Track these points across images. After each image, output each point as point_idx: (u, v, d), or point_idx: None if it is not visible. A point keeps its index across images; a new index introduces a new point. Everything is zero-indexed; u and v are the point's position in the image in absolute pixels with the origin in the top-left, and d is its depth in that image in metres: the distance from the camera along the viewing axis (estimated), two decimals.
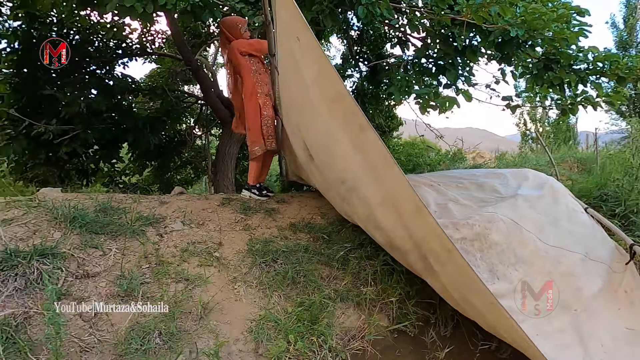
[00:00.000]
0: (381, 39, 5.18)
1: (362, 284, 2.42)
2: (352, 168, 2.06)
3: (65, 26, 4.85)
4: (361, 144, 1.86)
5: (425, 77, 3.58)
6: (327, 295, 2.23)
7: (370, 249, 2.58)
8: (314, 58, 1.96)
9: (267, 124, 3.24)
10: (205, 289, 2.07)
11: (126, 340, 1.70)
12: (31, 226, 2.07)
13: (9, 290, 1.69)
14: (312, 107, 2.18)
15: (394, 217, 1.94)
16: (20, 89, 4.45)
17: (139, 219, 2.43)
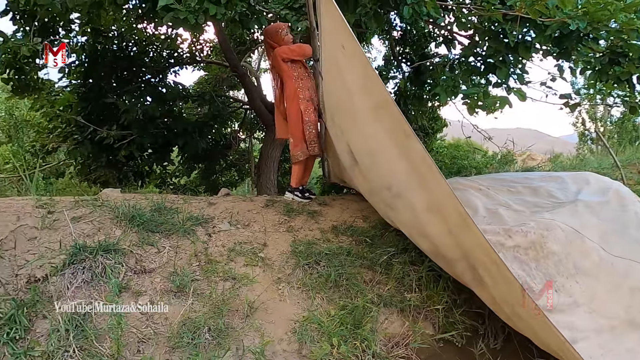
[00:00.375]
0: (425, 38, 5.05)
1: (406, 290, 2.37)
2: (397, 174, 2.03)
3: (125, 39, 5.25)
4: (407, 151, 1.84)
5: (473, 76, 3.43)
6: (370, 299, 2.21)
7: (414, 254, 2.51)
8: (359, 65, 1.96)
9: (309, 129, 3.26)
10: (251, 288, 2.13)
11: (178, 334, 1.79)
12: (96, 224, 2.25)
13: (78, 282, 1.85)
14: (357, 113, 2.19)
15: (440, 225, 1.88)
16: (86, 98, 4.88)
17: (190, 219, 2.55)
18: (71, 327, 1.64)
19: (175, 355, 1.73)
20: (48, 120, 5.27)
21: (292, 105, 3.26)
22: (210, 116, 5.66)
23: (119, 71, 5.13)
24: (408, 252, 2.54)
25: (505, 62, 3.13)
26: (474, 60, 3.58)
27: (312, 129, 3.26)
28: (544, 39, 2.78)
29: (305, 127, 3.24)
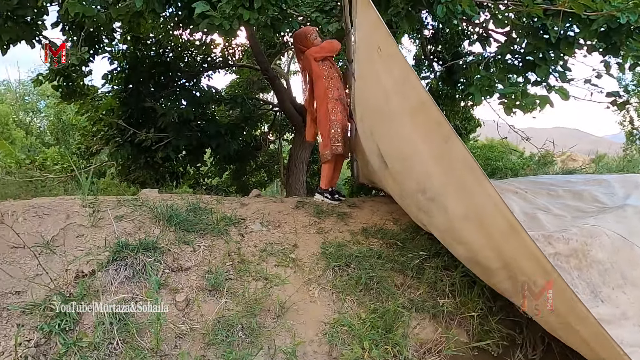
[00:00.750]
0: (458, 36, 4.92)
1: (438, 295, 2.31)
2: (432, 178, 1.99)
3: (162, 46, 5.49)
4: (445, 154, 1.79)
5: (510, 75, 3.29)
6: (402, 304, 2.17)
7: (447, 258, 2.45)
8: (397, 67, 1.94)
9: (335, 128, 3.26)
10: (282, 289, 2.16)
11: (213, 331, 1.84)
12: (137, 222, 2.37)
13: (121, 278, 1.95)
14: (391, 116, 2.16)
15: (479, 233, 1.82)
16: (127, 103, 5.15)
17: (223, 219, 2.63)
18: (115, 320, 1.74)
19: (210, 351, 1.78)
20: (92, 123, 5.61)
21: (321, 105, 3.28)
22: (242, 118, 5.80)
23: (156, 76, 5.38)
24: (441, 256, 2.48)
25: (545, 59, 2.98)
26: (511, 58, 3.44)
27: (338, 128, 3.25)
28: (589, 34, 2.63)
29: (331, 126, 3.25)
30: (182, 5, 3.48)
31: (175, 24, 4.17)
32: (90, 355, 1.59)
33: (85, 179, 2.43)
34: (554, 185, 2.87)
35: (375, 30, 1.99)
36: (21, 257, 1.94)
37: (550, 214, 2.43)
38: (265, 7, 2.74)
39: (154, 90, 5.30)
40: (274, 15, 2.89)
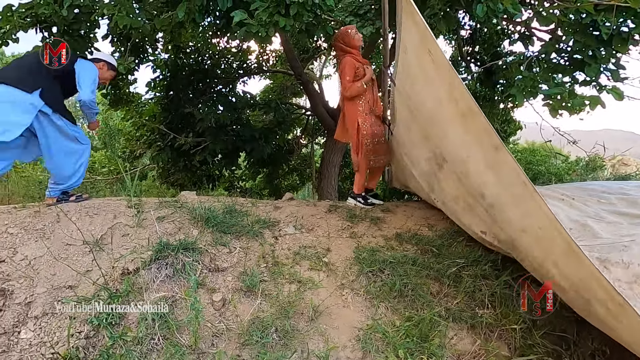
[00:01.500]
0: (498, 36, 4.73)
1: (477, 305, 2.22)
2: (488, 186, 1.95)
3: (201, 54, 5.71)
4: (495, 164, 1.76)
5: (555, 75, 3.12)
6: (438, 313, 2.10)
7: (487, 267, 2.34)
8: (444, 71, 1.92)
9: (367, 142, 3.20)
10: (316, 293, 2.16)
11: (248, 331, 1.88)
12: (177, 223, 2.47)
13: (162, 277, 2.04)
14: (447, 120, 2.13)
15: (541, 250, 1.74)
16: (167, 109, 5.41)
17: (258, 222, 2.68)
18: (156, 317, 1.81)
19: (245, 352, 1.81)
20: (136, 129, 5.94)
21: (352, 115, 3.24)
22: (275, 123, 5.90)
23: (195, 83, 5.60)
24: (480, 264, 2.38)
25: (595, 57, 2.79)
26: (556, 57, 3.26)
27: (369, 143, 3.20)
28: None
29: (363, 141, 3.20)
30: (220, 15, 3.62)
31: (214, 32, 4.34)
32: (134, 349, 1.67)
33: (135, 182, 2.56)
34: (605, 192, 2.67)
35: (425, 34, 1.97)
36: (74, 254, 2.08)
37: (603, 222, 2.25)
38: (300, 14, 2.78)
39: (193, 96, 5.53)
40: (309, 21, 2.92)
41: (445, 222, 3.09)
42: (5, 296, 1.79)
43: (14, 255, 2.00)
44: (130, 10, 3.16)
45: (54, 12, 3.16)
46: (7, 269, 1.92)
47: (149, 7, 3.35)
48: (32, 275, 1.92)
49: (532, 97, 3.04)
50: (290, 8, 2.70)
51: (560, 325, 2.16)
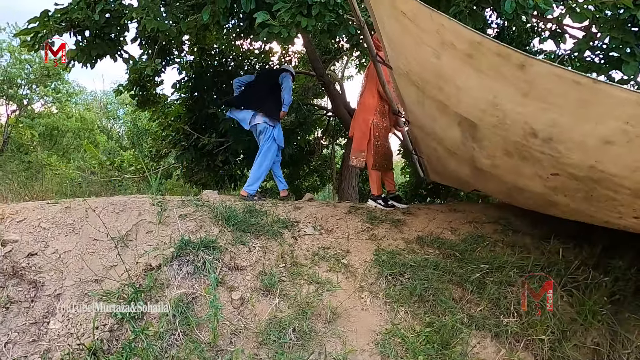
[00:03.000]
0: (527, 34, 4.56)
1: (502, 313, 2.13)
2: (532, 116, 1.63)
3: (224, 55, 5.81)
4: (528, 86, 1.47)
5: (591, 74, 2.96)
6: (460, 319, 2.04)
7: (512, 274, 2.25)
8: (427, 24, 1.70)
9: (377, 143, 3.23)
10: (334, 294, 2.14)
11: (266, 331, 1.88)
12: (198, 221, 2.51)
13: (183, 273, 2.07)
14: (454, 73, 1.85)
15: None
16: (192, 109, 5.52)
17: (277, 222, 2.68)
18: (177, 313, 1.85)
19: (263, 351, 1.82)
20: (162, 129, 6.10)
21: (366, 111, 3.24)
22: (297, 124, 5.91)
23: (218, 84, 5.70)
24: (505, 270, 2.29)
25: (634, 54, 2.63)
26: (590, 55, 3.10)
27: (380, 143, 3.23)
28: None
29: (373, 142, 3.22)
30: (243, 17, 3.67)
31: (237, 34, 4.40)
32: (155, 343, 1.70)
33: (159, 180, 2.63)
34: None
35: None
36: (101, 249, 2.15)
37: None
38: (322, 14, 2.77)
39: (216, 97, 5.62)
40: (331, 21, 2.91)
41: (469, 226, 3.00)
42: (37, 287, 1.87)
43: (46, 249, 2.08)
44: (158, 14, 3.26)
45: (87, 16, 3.30)
46: (39, 262, 2.01)
47: (175, 11, 3.44)
48: (62, 269, 2.00)
49: None
50: (312, 8, 2.70)
51: (592, 337, 2.05)
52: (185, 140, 5.43)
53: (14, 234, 2.14)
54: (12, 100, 11.93)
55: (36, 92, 12.30)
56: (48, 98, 12.60)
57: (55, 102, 12.75)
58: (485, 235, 2.82)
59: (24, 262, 1.99)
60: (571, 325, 2.03)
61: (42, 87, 12.01)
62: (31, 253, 2.04)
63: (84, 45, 3.73)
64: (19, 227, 2.21)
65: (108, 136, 16.15)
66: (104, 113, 20.18)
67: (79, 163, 6.95)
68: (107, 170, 5.70)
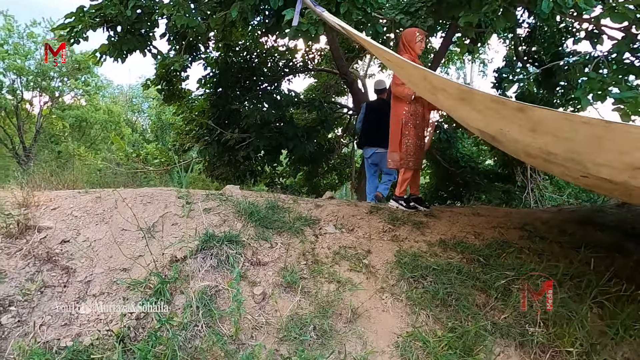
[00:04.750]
0: (561, 34, 4.40)
1: (527, 322, 2.07)
2: (550, 144, 1.67)
3: (249, 52, 5.87)
4: (533, 124, 1.52)
5: (628, 77, 2.83)
6: (484, 326, 1.99)
7: (540, 282, 2.18)
8: (412, 71, 1.80)
9: (407, 143, 3.18)
10: (355, 294, 2.13)
11: (286, 327, 1.89)
12: (222, 216, 2.54)
13: (207, 267, 2.11)
14: (456, 107, 1.94)
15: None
16: (216, 105, 5.61)
17: (299, 219, 2.69)
18: (201, 305, 1.88)
19: (283, 347, 1.83)
20: (185, 123, 6.23)
21: (396, 112, 3.21)
22: (318, 121, 5.92)
23: (242, 81, 5.77)
24: (532, 278, 2.23)
25: None
26: (629, 57, 2.96)
27: (410, 144, 3.18)
28: None
29: (403, 140, 3.18)
30: (270, 14, 3.69)
31: (263, 31, 4.43)
32: (179, 334, 1.74)
33: (182, 173, 2.68)
34: None
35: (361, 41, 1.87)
36: (129, 239, 2.21)
37: None
38: (350, 11, 2.76)
39: (240, 93, 5.69)
40: (358, 19, 2.89)
41: (493, 231, 2.93)
42: (69, 273, 1.94)
43: (77, 237, 2.16)
44: (187, 10, 3.31)
45: (119, 12, 3.39)
46: (71, 249, 2.08)
47: (204, 7, 3.50)
48: (92, 256, 2.07)
49: (601, 100, 2.78)
50: (341, 6, 2.69)
51: (623, 352, 1.96)
52: (209, 135, 5.52)
53: (49, 221, 2.23)
54: (45, 92, 12.44)
55: (67, 85, 12.78)
56: (78, 91, 13.08)
57: (84, 95, 13.21)
58: (511, 241, 2.75)
59: (57, 248, 2.07)
60: (601, 338, 1.95)
61: (72, 80, 12.47)
62: (64, 240, 2.12)
63: (115, 40, 3.83)
64: (53, 215, 2.30)
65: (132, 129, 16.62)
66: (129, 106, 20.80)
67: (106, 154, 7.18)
68: (133, 162, 5.86)
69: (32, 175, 3.62)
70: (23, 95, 12.40)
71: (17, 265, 1.92)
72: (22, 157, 11.84)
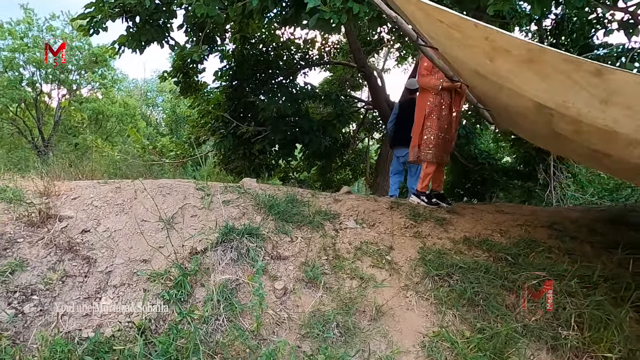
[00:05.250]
0: (591, 25, 4.21)
1: (560, 325, 1.97)
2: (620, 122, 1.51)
3: (265, 44, 5.81)
4: (607, 95, 1.38)
5: None
6: (514, 328, 1.90)
7: (574, 283, 2.08)
8: (472, 32, 1.60)
9: (428, 134, 3.09)
10: (378, 292, 2.06)
11: (309, 323, 1.84)
12: (241, 208, 2.50)
13: (227, 260, 2.07)
14: (515, 77, 1.78)
15: None
16: (232, 98, 5.58)
17: (319, 213, 2.63)
18: (222, 298, 1.84)
19: (306, 343, 1.78)
20: (201, 116, 6.22)
21: (420, 104, 3.13)
22: (334, 115, 5.84)
23: (258, 73, 5.71)
24: (564, 279, 2.12)
25: None
26: None
27: (431, 135, 3.09)
28: None
29: (425, 132, 3.08)
30: (289, 4, 3.61)
31: (281, 22, 4.36)
32: (200, 327, 1.70)
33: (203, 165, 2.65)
34: None
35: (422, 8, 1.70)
36: (148, 230, 2.18)
37: None
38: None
39: (255, 86, 5.64)
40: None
41: (519, 229, 2.82)
42: (89, 263, 1.93)
43: (98, 227, 2.14)
44: (207, 0, 3.26)
45: (138, 2, 3.36)
46: (91, 239, 2.07)
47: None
48: (112, 247, 2.04)
49: None
50: None
51: None
52: (224, 128, 5.50)
53: (69, 211, 2.21)
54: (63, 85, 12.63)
55: (84, 78, 12.96)
56: (95, 84, 13.25)
57: (101, 88, 13.38)
58: (539, 240, 2.64)
59: (78, 238, 2.05)
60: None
61: (90, 73, 12.63)
62: (85, 230, 2.11)
63: (134, 31, 3.82)
64: (73, 204, 2.29)
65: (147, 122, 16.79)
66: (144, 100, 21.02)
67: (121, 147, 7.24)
68: (149, 154, 5.89)
69: (52, 166, 3.64)
70: (42, 87, 12.65)
71: (39, 254, 1.91)
72: (41, 148, 12.10)
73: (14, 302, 1.65)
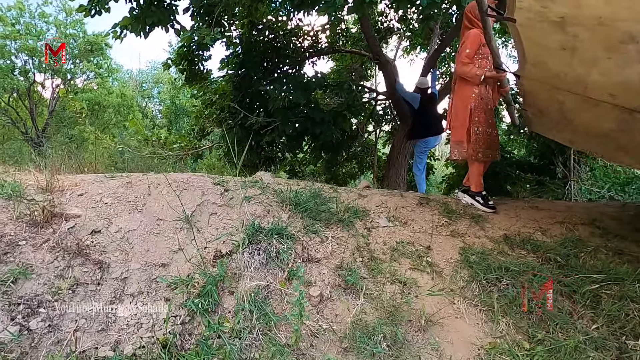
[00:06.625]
0: None
1: (624, 334, 1.79)
2: None
3: (273, 31, 5.52)
4: None
5: None
6: (577, 339, 1.72)
7: (638, 287, 1.90)
8: None
9: (478, 130, 2.79)
10: (422, 298, 1.87)
11: (351, 335, 1.64)
12: (265, 205, 2.28)
13: (255, 263, 1.85)
14: None
15: None
16: (239, 87, 5.30)
17: (347, 210, 2.43)
18: (254, 308, 1.63)
19: (350, 358, 1.58)
20: (205, 106, 5.94)
21: (463, 96, 2.82)
22: (345, 106, 5.59)
23: (266, 62, 5.44)
24: (626, 283, 1.94)
25: None
26: None
27: (480, 132, 2.80)
28: None
29: (473, 128, 2.80)
30: None
31: (294, 6, 4.09)
32: (232, 342, 1.50)
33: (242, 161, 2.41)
34: None
35: None
36: (165, 230, 1.96)
37: None
38: None
39: (263, 75, 5.38)
40: None
41: (560, 227, 2.63)
42: (102, 269, 1.70)
43: (109, 226, 1.92)
44: None
45: None
46: (103, 240, 1.84)
47: None
48: (127, 249, 1.82)
49: None
50: None
51: None
52: (231, 119, 5.24)
53: (76, 208, 1.98)
54: (57, 74, 12.21)
55: (79, 67, 12.54)
56: (90, 73, 12.83)
57: (96, 78, 12.97)
58: (584, 239, 2.45)
59: (88, 240, 1.83)
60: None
61: (85, 62, 12.21)
62: (95, 230, 1.88)
63: (138, 13, 3.54)
64: (80, 201, 2.06)
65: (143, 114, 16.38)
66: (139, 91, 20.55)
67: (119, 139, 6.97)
68: (151, 146, 5.63)
69: (50, 158, 3.39)
70: (35, 77, 12.22)
71: (45, 259, 1.68)
72: (35, 139, 11.72)
73: (18, 316, 1.42)
